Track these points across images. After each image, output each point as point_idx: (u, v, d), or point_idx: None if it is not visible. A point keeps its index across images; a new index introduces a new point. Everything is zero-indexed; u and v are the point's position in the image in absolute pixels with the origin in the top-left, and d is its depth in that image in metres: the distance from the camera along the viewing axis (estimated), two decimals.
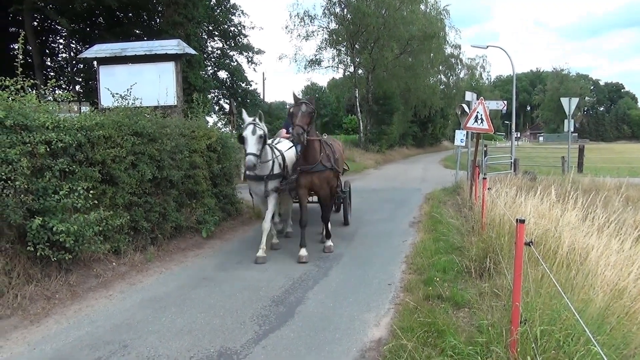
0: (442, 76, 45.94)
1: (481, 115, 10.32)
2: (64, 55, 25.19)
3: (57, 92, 11.87)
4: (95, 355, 3.93)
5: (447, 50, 40.15)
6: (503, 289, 4.59)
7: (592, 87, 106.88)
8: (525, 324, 3.24)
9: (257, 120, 6.46)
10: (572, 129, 17.84)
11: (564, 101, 16.82)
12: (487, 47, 19.86)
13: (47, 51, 24.68)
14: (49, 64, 25.12)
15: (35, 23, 21.95)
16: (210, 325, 4.51)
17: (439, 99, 41.21)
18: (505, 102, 17.13)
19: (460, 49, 43.37)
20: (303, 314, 4.81)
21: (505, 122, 65.55)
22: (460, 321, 4.38)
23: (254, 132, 6.30)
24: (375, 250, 7.36)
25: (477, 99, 12.15)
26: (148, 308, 4.97)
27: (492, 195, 7.49)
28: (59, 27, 22.74)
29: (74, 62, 22.33)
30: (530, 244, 3.32)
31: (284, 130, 8.51)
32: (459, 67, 46.59)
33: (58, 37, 25.19)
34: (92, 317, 4.74)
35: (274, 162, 6.97)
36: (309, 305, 5.05)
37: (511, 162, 16.52)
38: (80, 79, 23.57)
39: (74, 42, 23.81)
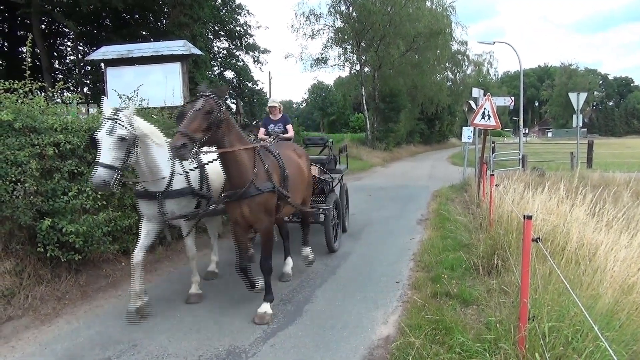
0: (449, 73, 45.69)
1: (488, 111, 10.25)
2: (71, 57, 25.40)
3: (65, 94, 11.96)
4: (105, 354, 3.97)
5: (453, 46, 39.93)
6: (511, 285, 4.58)
7: (600, 82, 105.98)
8: (533, 320, 3.23)
9: (119, 114, 4.20)
10: (580, 124, 17.69)
11: (572, 96, 16.68)
12: (494, 43, 19.73)
13: (55, 54, 24.89)
14: (57, 66, 25.33)
15: (43, 26, 22.15)
16: (219, 324, 4.54)
17: (446, 96, 40.99)
18: (513, 98, 17.01)
19: (466, 45, 43.13)
20: (311, 312, 4.82)
21: (513, 118, 65.14)
22: (468, 318, 4.38)
23: (111, 132, 4.07)
24: (382, 248, 7.36)
25: (484, 95, 12.05)
26: (157, 307, 5.00)
27: (499, 191, 7.45)
28: (67, 30, 22.92)
29: (81, 64, 22.49)
30: (538, 240, 3.30)
31: (263, 130, 7.35)
32: (466, 63, 46.29)
33: (66, 40, 25.40)
34: (102, 317, 4.78)
35: (173, 174, 4.80)
36: (317, 304, 5.06)
37: (519, 159, 16.41)
38: (88, 81, 23.74)
39: (81, 44, 23.97)
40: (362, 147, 29.19)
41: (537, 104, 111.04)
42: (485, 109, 10.28)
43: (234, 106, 26.84)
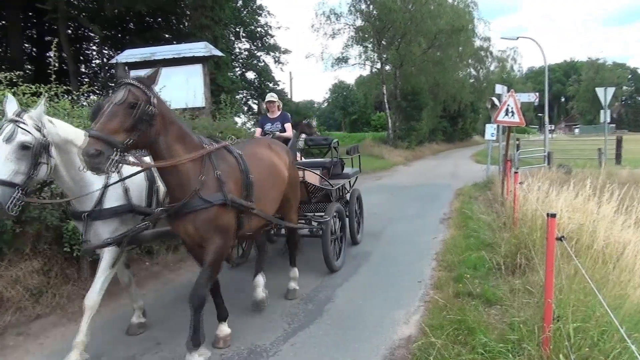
0: (472, 70, 45.13)
1: (512, 108, 10.08)
2: (97, 61, 25.95)
3: (91, 97, 12.25)
4: (129, 352, 4.04)
5: (476, 43, 39.41)
6: (535, 285, 4.48)
7: (629, 76, 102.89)
8: (558, 321, 3.16)
9: (22, 115, 3.28)
10: (609, 120, 17.23)
11: (599, 91, 16.27)
12: (517, 38, 19.43)
13: (81, 58, 25.45)
14: (83, 70, 25.90)
15: (70, 31, 22.66)
16: (240, 323, 4.56)
17: (469, 93, 40.48)
18: (538, 94, 16.70)
19: (489, 41, 42.46)
20: (332, 312, 4.82)
21: (539, 114, 63.86)
22: (491, 318, 4.31)
23: (9, 138, 3.14)
24: (404, 248, 7.30)
25: (508, 91, 11.86)
26: (180, 306, 5.06)
27: (523, 189, 7.32)
28: (92, 34, 23.41)
29: (106, 67, 22.94)
30: (562, 238, 3.23)
31: (259, 130, 6.80)
32: (489, 59, 45.60)
33: (91, 44, 25.96)
34: (127, 315, 4.85)
35: (106, 188, 3.84)
36: (337, 303, 5.06)
37: (545, 156, 16.10)
38: (113, 84, 24.19)
39: (106, 48, 24.46)
40: (384, 146, 29.06)
41: (563, 99, 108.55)
42: (508, 105, 10.11)
43: (255, 107, 27.08)
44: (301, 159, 6.91)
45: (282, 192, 4.66)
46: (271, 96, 6.81)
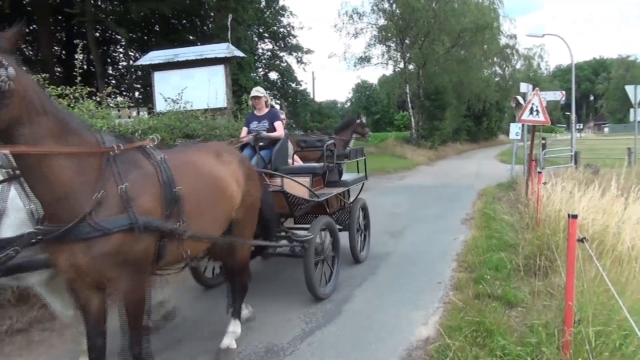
0: (497, 68, 44.52)
1: (537, 106, 9.90)
2: (123, 63, 26.47)
3: (118, 99, 12.51)
4: (151, 349, 4.10)
5: (501, 40, 38.85)
6: (557, 287, 4.39)
7: None
8: (579, 324, 3.09)
9: None
10: (639, 119, 16.73)
11: (629, 89, 15.79)
12: (544, 35, 18.98)
13: (108, 60, 26.02)
14: (110, 72, 26.48)
15: (97, 34, 23.18)
16: (258, 322, 4.59)
17: (494, 92, 39.94)
18: (564, 92, 16.33)
19: (515, 38, 41.83)
20: (350, 312, 4.81)
21: (566, 113, 62.47)
22: (511, 321, 4.24)
23: None
24: (424, 248, 7.24)
25: (533, 90, 11.64)
26: (202, 304, 5.13)
27: (547, 190, 7.17)
28: (119, 37, 23.90)
29: (132, 69, 23.39)
30: (584, 240, 3.16)
31: (245, 130, 5.96)
32: (515, 57, 44.93)
33: (118, 47, 26.50)
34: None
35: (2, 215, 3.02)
36: (355, 303, 5.04)
37: (571, 155, 15.73)
38: (139, 86, 24.68)
39: (132, 50, 24.95)
40: (407, 146, 28.87)
41: (592, 98, 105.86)
42: (533, 104, 9.94)
43: (277, 106, 27.23)
44: (293, 163, 6.22)
45: (228, 213, 3.59)
46: (256, 90, 5.84)
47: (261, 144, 5.53)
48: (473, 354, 3.50)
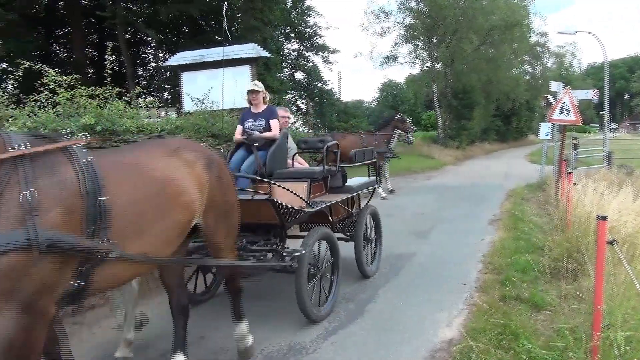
0: (528, 66, 43.56)
1: (567, 106, 9.68)
2: (153, 64, 27.01)
3: (147, 99, 12.73)
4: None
5: (532, 38, 37.90)
6: (586, 291, 4.28)
7: None
8: (608, 329, 3.00)
9: None
10: None
11: None
12: (575, 32, 18.51)
13: (138, 61, 26.56)
14: (140, 73, 27.03)
15: (128, 36, 23.71)
16: (281, 321, 4.62)
17: (524, 91, 39.04)
18: (597, 91, 15.84)
19: (547, 36, 40.68)
20: (373, 312, 4.79)
21: (600, 112, 60.78)
22: (538, 324, 4.15)
23: None
24: (450, 249, 7.16)
25: (564, 88, 11.35)
26: (222, 303, 5.17)
27: (578, 191, 7.00)
28: (148, 39, 24.38)
29: (161, 70, 23.83)
30: (614, 242, 3.07)
31: (240, 128, 5.45)
32: (546, 56, 43.85)
33: (148, 48, 27.04)
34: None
35: None
36: (379, 304, 5.02)
37: (604, 156, 15.29)
38: (167, 86, 25.13)
39: (162, 52, 25.41)
40: (434, 146, 28.52)
41: (627, 96, 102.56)
42: (563, 103, 9.72)
43: (303, 106, 27.31)
44: (293, 165, 5.70)
45: (184, 223, 3.01)
46: (254, 84, 5.35)
47: (256, 144, 4.97)
48: (497, 357, 3.45)
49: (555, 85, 13.65)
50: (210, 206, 3.23)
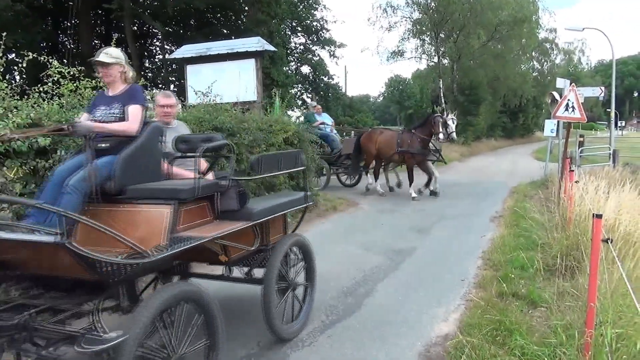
0: (536, 63, 43.21)
1: (572, 103, 9.61)
2: (160, 56, 27.08)
3: (154, 90, 12.79)
4: None
5: (540, 34, 37.64)
6: (582, 288, 4.29)
7: None
8: (601, 326, 3.03)
9: None
10: None
11: None
12: (583, 29, 18.37)
13: (145, 53, 26.65)
14: (147, 65, 27.12)
15: (135, 28, 23.79)
16: None
17: (531, 87, 38.84)
18: (604, 88, 15.73)
19: (555, 32, 40.32)
20: (370, 306, 4.82)
21: (607, 110, 60.27)
22: (534, 321, 4.18)
23: None
24: (450, 245, 7.18)
25: (570, 85, 11.28)
26: (219, 298, 5.23)
27: (579, 189, 6.99)
28: (155, 31, 24.45)
29: (167, 62, 23.90)
30: (609, 240, 3.09)
31: (86, 116, 3.58)
32: (555, 52, 43.48)
33: (155, 40, 27.11)
34: None
35: None
36: (377, 298, 5.06)
37: (610, 154, 15.20)
38: (173, 79, 25.20)
39: (168, 44, 25.48)
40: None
41: (636, 94, 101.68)
42: (569, 100, 9.65)
43: (309, 100, 27.30)
44: (168, 169, 3.76)
45: None
46: (104, 54, 3.40)
47: (103, 145, 3.19)
48: (491, 352, 3.48)
49: (561, 82, 13.57)
50: None
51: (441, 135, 11.12)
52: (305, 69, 31.32)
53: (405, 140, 11.31)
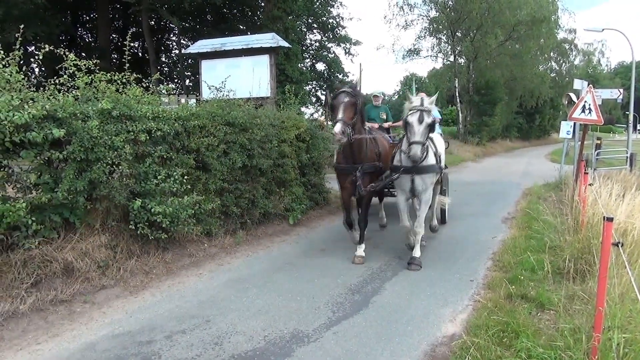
0: (554, 63, 42.55)
1: (589, 105, 9.48)
2: (176, 51, 27.25)
3: (169, 86, 12.89)
4: (181, 327, 4.28)
5: (559, 35, 37.07)
6: (592, 292, 4.24)
7: None
8: (609, 330, 2.99)
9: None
10: None
11: None
12: (603, 30, 18.05)
13: (162, 48, 26.85)
14: (164, 59, 27.32)
15: (152, 23, 23.97)
16: (287, 308, 4.69)
17: (549, 88, 38.24)
18: (622, 90, 15.45)
19: (575, 33, 39.66)
20: (377, 304, 4.82)
21: (626, 112, 59.18)
22: (542, 323, 4.13)
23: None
24: (461, 245, 7.13)
25: (587, 87, 11.11)
26: (233, 288, 5.28)
27: (593, 192, 6.88)
28: (172, 26, 24.60)
29: (183, 57, 24.05)
30: (619, 244, 3.04)
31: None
32: (574, 53, 42.79)
33: (171, 35, 27.29)
34: (182, 292, 5.14)
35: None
36: (384, 296, 5.05)
37: (627, 157, 14.95)
38: (189, 73, 25.34)
39: (185, 39, 25.63)
40: (453, 141, 28.21)
41: None
42: (586, 101, 9.52)
43: (323, 97, 27.24)
44: None
45: None
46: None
47: None
48: (497, 354, 3.45)
49: (578, 83, 13.38)
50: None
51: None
52: (321, 66, 31.21)
53: None
